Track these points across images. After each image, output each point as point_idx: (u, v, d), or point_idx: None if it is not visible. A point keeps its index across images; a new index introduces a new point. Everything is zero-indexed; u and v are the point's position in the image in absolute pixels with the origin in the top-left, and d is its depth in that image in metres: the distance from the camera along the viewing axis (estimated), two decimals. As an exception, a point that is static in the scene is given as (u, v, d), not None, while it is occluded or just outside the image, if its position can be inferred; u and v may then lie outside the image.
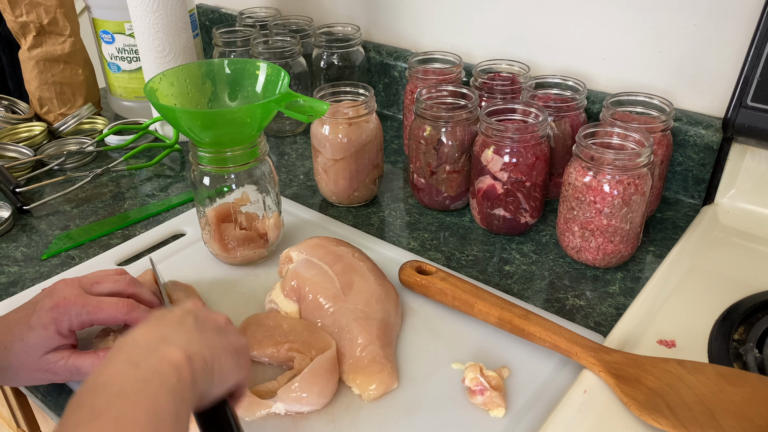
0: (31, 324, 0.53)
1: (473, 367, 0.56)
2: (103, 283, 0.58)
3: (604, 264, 0.71)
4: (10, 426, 0.86)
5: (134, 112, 1.11)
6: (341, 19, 1.13)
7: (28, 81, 1.06)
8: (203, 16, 1.32)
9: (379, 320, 0.59)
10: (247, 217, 0.72)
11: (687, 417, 0.48)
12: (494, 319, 0.60)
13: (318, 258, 0.64)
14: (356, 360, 0.57)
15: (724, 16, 0.76)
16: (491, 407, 0.53)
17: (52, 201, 0.88)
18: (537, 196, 0.75)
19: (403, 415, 0.54)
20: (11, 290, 0.71)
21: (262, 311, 0.65)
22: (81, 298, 0.54)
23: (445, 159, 0.79)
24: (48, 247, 0.78)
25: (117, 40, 1.05)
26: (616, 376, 0.52)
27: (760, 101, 0.71)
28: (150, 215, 0.84)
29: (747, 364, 0.55)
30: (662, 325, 0.60)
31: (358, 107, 0.79)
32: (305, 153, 1.00)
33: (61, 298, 0.54)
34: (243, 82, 0.70)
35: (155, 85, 0.65)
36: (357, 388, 0.56)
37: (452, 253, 0.76)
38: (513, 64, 0.89)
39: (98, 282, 0.58)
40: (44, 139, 1.03)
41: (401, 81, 1.07)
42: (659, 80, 0.84)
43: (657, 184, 0.76)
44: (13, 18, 1.01)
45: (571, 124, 0.79)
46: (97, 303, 0.55)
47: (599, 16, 0.85)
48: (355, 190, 0.83)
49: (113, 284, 0.58)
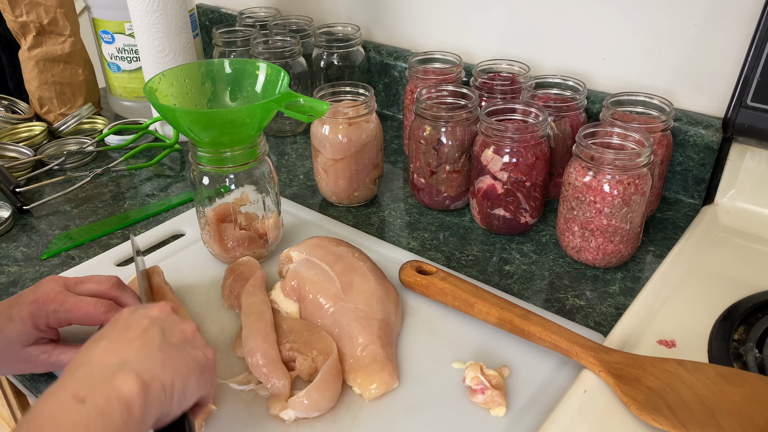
0: (11, 315, 0.53)
1: (474, 366, 0.56)
2: (87, 284, 0.58)
3: (604, 264, 0.71)
4: (10, 426, 0.87)
5: (134, 112, 1.11)
6: (341, 19, 1.13)
7: (28, 81, 1.06)
8: (203, 16, 1.32)
9: (380, 320, 0.59)
10: (247, 217, 0.72)
11: (687, 417, 0.48)
12: (494, 319, 0.60)
13: (318, 258, 0.64)
14: (357, 360, 0.57)
15: (724, 16, 0.76)
16: (492, 406, 0.53)
17: (52, 201, 0.88)
18: (537, 196, 0.75)
19: (403, 415, 0.54)
20: (11, 290, 0.71)
21: (262, 311, 0.65)
22: (61, 295, 0.55)
23: (445, 159, 0.79)
24: (48, 247, 0.78)
25: (117, 40, 1.05)
26: (616, 376, 0.52)
27: (760, 101, 0.71)
28: (150, 215, 0.84)
29: (747, 364, 0.55)
30: (662, 325, 0.60)
31: (358, 107, 0.79)
32: (305, 153, 1.00)
33: (42, 294, 0.54)
34: (243, 82, 0.70)
35: (155, 85, 0.65)
36: (358, 388, 0.56)
37: (452, 253, 0.76)
38: (513, 64, 0.89)
39: (82, 282, 0.58)
40: (44, 139, 1.03)
41: (401, 81, 1.07)
42: (659, 80, 0.84)
43: (657, 184, 0.76)
44: (13, 18, 1.01)
45: (571, 124, 0.79)
46: (76, 302, 0.55)
47: (599, 16, 0.85)
48: (355, 190, 0.83)
49: (96, 285, 0.58)
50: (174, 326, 0.46)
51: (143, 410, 0.39)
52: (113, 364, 0.40)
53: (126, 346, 0.42)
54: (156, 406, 0.40)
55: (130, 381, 0.39)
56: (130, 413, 0.38)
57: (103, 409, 0.37)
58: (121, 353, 0.41)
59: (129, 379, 0.39)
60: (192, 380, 0.44)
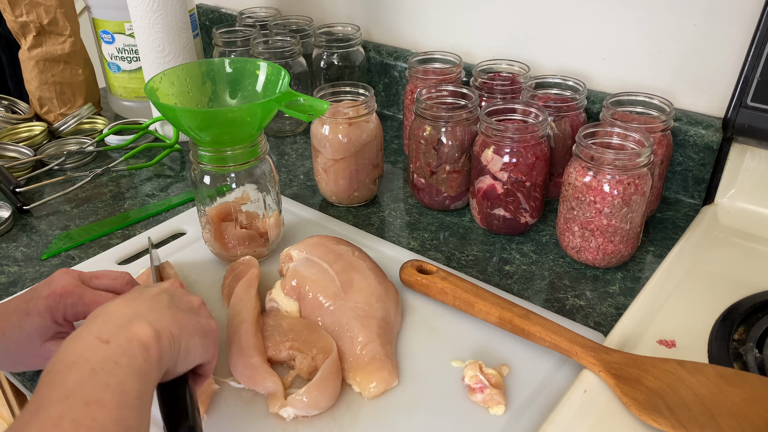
0: (28, 310, 0.53)
1: (473, 364, 0.56)
2: (102, 279, 0.58)
3: (604, 264, 0.71)
4: (10, 426, 0.86)
5: (134, 112, 1.11)
6: (341, 19, 1.13)
7: (28, 81, 1.06)
8: (203, 16, 1.32)
9: (380, 318, 0.60)
10: (248, 216, 0.72)
11: (686, 417, 0.48)
12: (495, 319, 0.60)
13: (318, 257, 0.64)
14: (356, 358, 0.57)
15: (724, 16, 0.76)
16: (491, 405, 0.53)
17: (52, 201, 0.88)
18: (537, 196, 0.75)
19: (403, 413, 0.54)
20: (11, 290, 0.71)
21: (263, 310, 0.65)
22: (78, 288, 0.54)
23: (445, 159, 0.79)
24: (48, 247, 0.78)
25: (117, 40, 1.05)
26: (615, 376, 0.52)
27: (760, 101, 0.71)
28: (150, 215, 0.84)
29: (747, 364, 0.55)
30: (662, 325, 0.60)
31: (358, 107, 0.79)
32: (305, 153, 1.00)
33: (59, 287, 0.54)
34: (243, 82, 0.70)
35: (156, 84, 0.65)
36: (357, 386, 0.56)
37: (452, 253, 0.76)
38: (513, 64, 0.89)
39: (97, 277, 0.58)
40: (44, 139, 1.03)
41: (401, 81, 1.07)
42: (659, 80, 0.84)
43: (657, 184, 0.76)
44: (13, 18, 1.01)
45: (571, 124, 0.79)
46: (94, 296, 0.55)
47: (599, 16, 0.85)
48: (355, 190, 0.83)
49: (111, 281, 0.58)
50: (182, 296, 0.50)
51: (159, 353, 0.42)
52: (128, 315, 0.44)
53: (138, 302, 0.46)
54: (167, 353, 0.43)
55: (145, 326, 0.43)
56: (148, 353, 0.42)
57: (126, 349, 0.41)
58: (134, 307, 0.45)
59: (144, 325, 0.43)
60: (196, 340, 0.47)
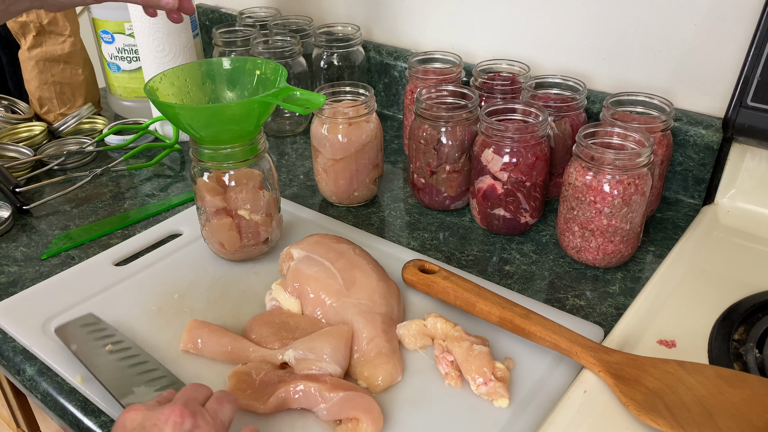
0: None
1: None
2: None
3: (604, 264, 0.71)
4: (10, 426, 0.87)
5: (134, 112, 1.11)
6: (341, 19, 1.13)
7: (28, 81, 1.06)
8: (203, 16, 1.32)
9: (383, 314, 0.60)
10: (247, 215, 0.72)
11: (685, 418, 0.48)
12: (496, 318, 0.60)
13: (319, 255, 0.65)
14: (363, 353, 0.57)
15: (724, 16, 0.76)
16: (495, 397, 0.54)
17: (52, 201, 0.88)
18: (537, 196, 0.75)
19: (409, 406, 0.55)
20: (11, 290, 0.71)
21: (263, 309, 0.65)
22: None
23: (445, 159, 0.79)
24: (48, 247, 0.78)
25: (117, 40, 1.05)
26: (615, 376, 0.52)
27: (760, 101, 0.71)
28: (150, 215, 0.84)
29: (747, 364, 0.55)
30: (662, 325, 0.60)
31: (358, 107, 0.79)
32: (305, 153, 1.00)
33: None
34: (242, 80, 0.70)
35: (156, 84, 0.65)
36: (364, 382, 0.56)
37: (452, 253, 0.76)
38: (513, 64, 0.89)
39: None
40: (44, 139, 1.03)
41: (401, 81, 1.07)
42: (659, 80, 0.84)
43: (657, 184, 0.76)
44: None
45: (571, 124, 0.79)
46: None
47: (599, 16, 0.85)
48: (355, 190, 0.83)
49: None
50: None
51: None
52: None
53: None
54: None
55: None
56: None
57: None
58: None
59: None
60: None
